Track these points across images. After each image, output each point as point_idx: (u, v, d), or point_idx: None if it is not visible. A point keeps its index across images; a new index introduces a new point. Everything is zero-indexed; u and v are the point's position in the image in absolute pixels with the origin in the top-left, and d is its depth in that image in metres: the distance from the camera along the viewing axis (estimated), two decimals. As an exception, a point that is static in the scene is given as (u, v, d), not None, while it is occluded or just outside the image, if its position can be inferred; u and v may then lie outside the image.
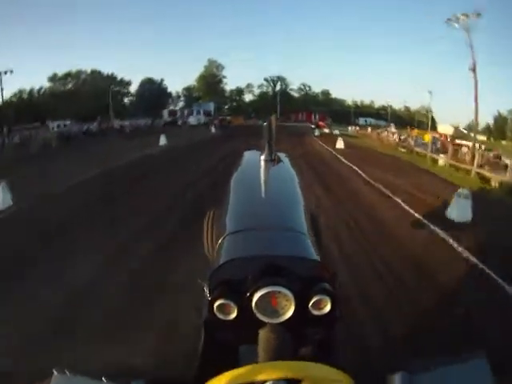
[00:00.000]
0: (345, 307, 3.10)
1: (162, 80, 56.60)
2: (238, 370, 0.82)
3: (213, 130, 30.73)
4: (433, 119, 46.48)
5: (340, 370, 0.84)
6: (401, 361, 0.91)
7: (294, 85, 60.95)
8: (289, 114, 55.26)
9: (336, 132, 32.99)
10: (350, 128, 38.72)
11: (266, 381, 0.78)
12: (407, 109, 57.64)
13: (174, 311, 3.35)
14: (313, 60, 74.58)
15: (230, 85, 59.31)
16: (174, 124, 38.61)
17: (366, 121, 54.04)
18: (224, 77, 58.39)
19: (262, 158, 2.32)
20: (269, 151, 2.29)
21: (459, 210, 6.43)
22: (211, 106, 49.92)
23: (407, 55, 68.25)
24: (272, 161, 2.32)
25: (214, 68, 57.57)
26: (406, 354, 2.85)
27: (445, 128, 40.87)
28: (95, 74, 50.65)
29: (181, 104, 56.88)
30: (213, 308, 1.08)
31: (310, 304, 1.09)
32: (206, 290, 1.13)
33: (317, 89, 62.26)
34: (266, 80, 59.64)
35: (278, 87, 59.94)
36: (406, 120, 51.93)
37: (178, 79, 79.21)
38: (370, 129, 36.10)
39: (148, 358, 2.73)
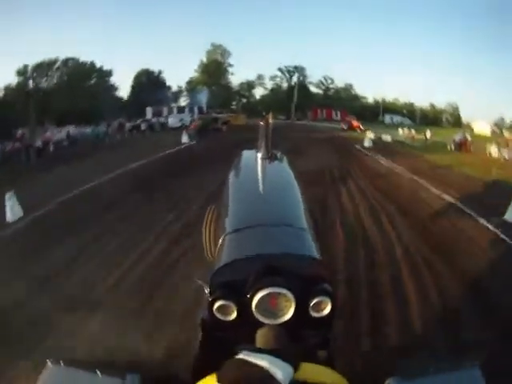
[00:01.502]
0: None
1: (160, 72, 43.95)
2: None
3: (185, 140, 18.47)
4: (459, 117, 41.19)
5: (336, 372, 0.84)
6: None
7: (314, 78, 47.63)
8: (305, 111, 43.74)
9: (387, 138, 20.00)
10: (400, 131, 25.04)
11: None
12: (432, 106, 46.29)
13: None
14: (335, 50, 59.62)
15: (238, 76, 47.17)
16: (138, 130, 27.80)
17: (392, 119, 43.93)
18: (231, 65, 45.56)
19: (259, 156, 2.33)
20: (265, 149, 2.30)
21: None
22: (202, 98, 37.29)
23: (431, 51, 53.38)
24: (269, 159, 2.33)
25: (218, 54, 44.79)
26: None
27: (481, 126, 33.69)
28: (71, 62, 38.15)
29: (183, 100, 43.83)
30: (213, 308, 1.09)
31: (311, 305, 1.09)
32: (207, 291, 1.12)
33: (339, 83, 48.60)
34: (280, 70, 46.76)
35: (294, 79, 47.03)
36: (431, 118, 43.01)
37: (180, 71, 65.49)
38: (429, 132, 22.67)
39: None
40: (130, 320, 3.46)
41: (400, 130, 25.03)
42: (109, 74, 40.63)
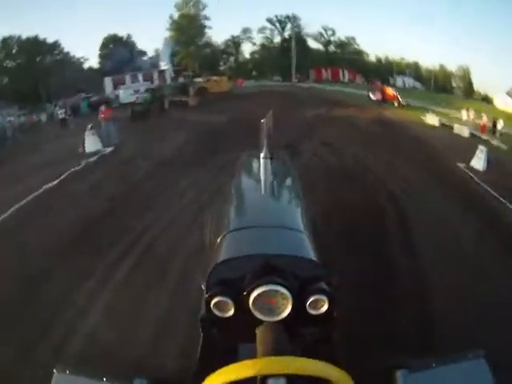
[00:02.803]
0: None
1: (128, 36, 34.76)
2: (237, 365, 0.83)
3: (91, 145, 9.67)
4: (470, 84, 32.93)
5: (338, 368, 0.85)
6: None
7: (310, 29, 37.09)
8: (303, 71, 34.51)
9: (461, 131, 12.10)
10: (464, 114, 16.55)
11: (266, 376, 0.81)
12: (442, 68, 36.17)
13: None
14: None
15: (219, 30, 37.47)
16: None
17: (404, 82, 34.80)
18: (207, 18, 35.22)
19: (262, 156, 2.22)
20: (266, 150, 2.23)
21: None
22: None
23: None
24: (271, 159, 2.23)
25: (190, 6, 34.69)
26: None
27: (504, 101, 24.60)
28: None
29: (163, 65, 34.94)
30: (210, 305, 1.13)
31: (307, 303, 1.15)
32: (204, 287, 1.17)
33: (341, 36, 37.95)
34: (269, 21, 36.56)
35: (287, 31, 37.14)
36: (441, 83, 34.21)
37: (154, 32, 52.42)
38: (501, 122, 14.57)
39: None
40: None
41: (464, 113, 16.29)
42: (53, 46, 31.47)
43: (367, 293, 3.31)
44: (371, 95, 21.47)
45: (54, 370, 0.92)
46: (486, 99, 31.60)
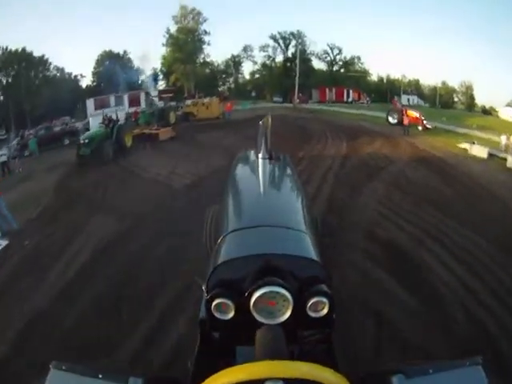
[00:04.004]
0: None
1: (125, 53, 32.78)
2: (235, 368, 0.80)
3: None
4: (472, 97, 34.89)
5: (336, 372, 0.82)
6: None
7: (315, 47, 35.47)
8: (308, 91, 32.82)
9: None
10: (503, 140, 13.08)
11: (263, 380, 0.76)
12: (445, 85, 37.30)
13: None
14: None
15: (216, 49, 35.50)
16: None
17: (408, 100, 34.14)
18: (207, 33, 32.41)
19: (260, 156, 2.19)
20: (265, 150, 2.18)
21: None
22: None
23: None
24: (269, 159, 2.19)
25: (189, 19, 32.40)
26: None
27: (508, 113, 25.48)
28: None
29: (160, 84, 32.49)
30: (211, 307, 1.07)
31: (308, 306, 1.08)
32: (205, 289, 1.11)
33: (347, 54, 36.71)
34: (273, 38, 34.68)
35: (290, 50, 35.00)
36: (443, 99, 35.73)
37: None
38: None
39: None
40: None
41: (503, 139, 12.89)
42: (40, 61, 28.55)
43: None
44: (390, 119, 17.77)
45: (50, 366, 0.85)
46: (485, 112, 31.85)
